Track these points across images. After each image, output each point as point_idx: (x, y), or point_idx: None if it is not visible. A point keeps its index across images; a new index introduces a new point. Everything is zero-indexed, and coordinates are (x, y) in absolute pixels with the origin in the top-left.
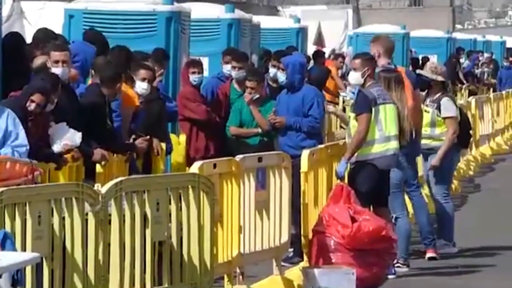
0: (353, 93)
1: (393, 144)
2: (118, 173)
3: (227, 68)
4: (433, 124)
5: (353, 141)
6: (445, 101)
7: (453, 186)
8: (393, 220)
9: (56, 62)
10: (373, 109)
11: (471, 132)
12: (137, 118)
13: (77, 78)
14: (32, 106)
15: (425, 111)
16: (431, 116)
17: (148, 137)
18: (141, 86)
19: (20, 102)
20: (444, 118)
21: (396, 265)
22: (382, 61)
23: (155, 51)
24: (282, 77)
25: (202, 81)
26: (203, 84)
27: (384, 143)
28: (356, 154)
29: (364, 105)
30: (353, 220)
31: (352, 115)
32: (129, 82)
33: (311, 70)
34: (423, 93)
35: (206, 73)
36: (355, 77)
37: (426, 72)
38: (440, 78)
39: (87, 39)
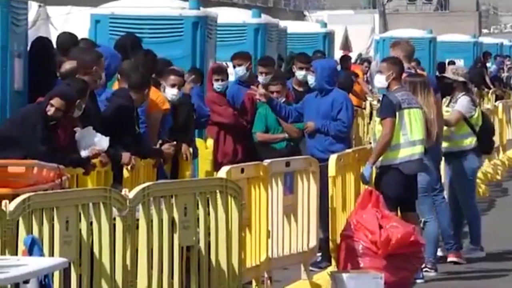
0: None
1: (419, 149)
2: (145, 178)
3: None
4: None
5: (378, 145)
6: (462, 99)
7: (480, 190)
8: (421, 224)
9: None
10: (397, 113)
11: (493, 138)
12: (164, 122)
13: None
14: (51, 111)
15: (446, 111)
16: None
17: (175, 142)
18: (171, 92)
19: (41, 106)
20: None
21: (424, 269)
22: None
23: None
24: (311, 79)
25: (226, 87)
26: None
27: (409, 147)
28: (381, 159)
29: (389, 109)
30: (380, 226)
31: (377, 119)
32: (158, 87)
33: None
34: (448, 97)
35: (232, 78)
36: (380, 80)
37: (447, 74)
38: (461, 79)
39: (120, 44)
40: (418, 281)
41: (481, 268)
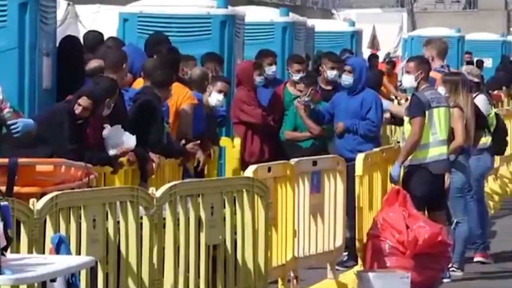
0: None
1: (446, 148)
2: (170, 177)
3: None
4: None
5: (407, 144)
6: (479, 98)
7: (507, 190)
8: (453, 225)
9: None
10: (426, 112)
11: (507, 139)
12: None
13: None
14: (78, 110)
15: None
16: None
17: (199, 141)
18: (217, 98)
19: (69, 105)
20: None
21: (450, 269)
22: (435, 64)
23: (209, 55)
24: (349, 79)
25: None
26: None
27: (438, 147)
28: (410, 158)
29: (418, 108)
30: (407, 226)
31: (406, 118)
32: (183, 83)
33: None
34: None
35: None
36: (408, 80)
37: None
38: (476, 80)
39: (148, 42)
40: (445, 280)
41: (507, 268)
